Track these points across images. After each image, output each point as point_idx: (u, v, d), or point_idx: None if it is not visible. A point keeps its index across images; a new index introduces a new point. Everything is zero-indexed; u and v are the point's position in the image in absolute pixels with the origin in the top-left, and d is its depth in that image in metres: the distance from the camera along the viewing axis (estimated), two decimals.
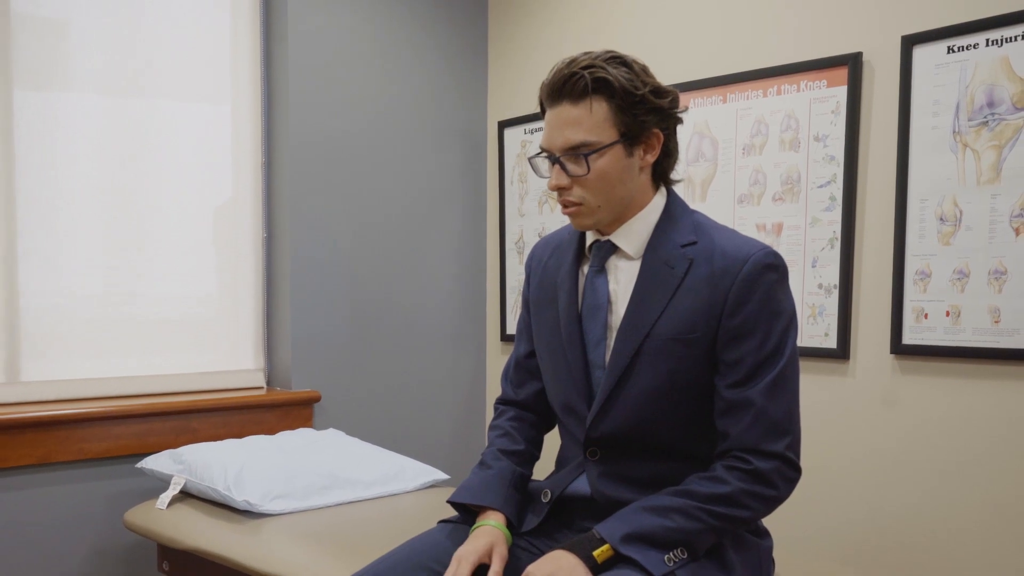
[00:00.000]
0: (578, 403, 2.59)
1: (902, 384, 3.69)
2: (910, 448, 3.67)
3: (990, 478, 3.47)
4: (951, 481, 3.56)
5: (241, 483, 3.55)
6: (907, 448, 3.68)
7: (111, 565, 4.14)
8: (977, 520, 3.51)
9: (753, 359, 2.40)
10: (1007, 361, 3.42)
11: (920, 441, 3.65)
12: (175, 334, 4.45)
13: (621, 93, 2.41)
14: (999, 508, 3.45)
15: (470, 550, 2.45)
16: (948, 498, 3.58)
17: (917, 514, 3.66)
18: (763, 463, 2.38)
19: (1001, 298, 3.40)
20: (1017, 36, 3.35)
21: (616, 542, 2.34)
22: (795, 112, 3.95)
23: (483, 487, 2.66)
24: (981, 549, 3.50)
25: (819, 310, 3.90)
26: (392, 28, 4.90)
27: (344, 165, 4.76)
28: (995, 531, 3.47)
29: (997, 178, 3.41)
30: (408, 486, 3.93)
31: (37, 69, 4.01)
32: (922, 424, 3.64)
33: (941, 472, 3.59)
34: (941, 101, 3.54)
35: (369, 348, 4.88)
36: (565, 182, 2.46)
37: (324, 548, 3.15)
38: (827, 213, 3.86)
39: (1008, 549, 3.44)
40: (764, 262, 2.41)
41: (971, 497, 3.52)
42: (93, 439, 4.03)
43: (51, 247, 4.07)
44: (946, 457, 3.58)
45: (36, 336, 4.05)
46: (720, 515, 2.36)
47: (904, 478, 3.69)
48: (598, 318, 2.55)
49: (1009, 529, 3.43)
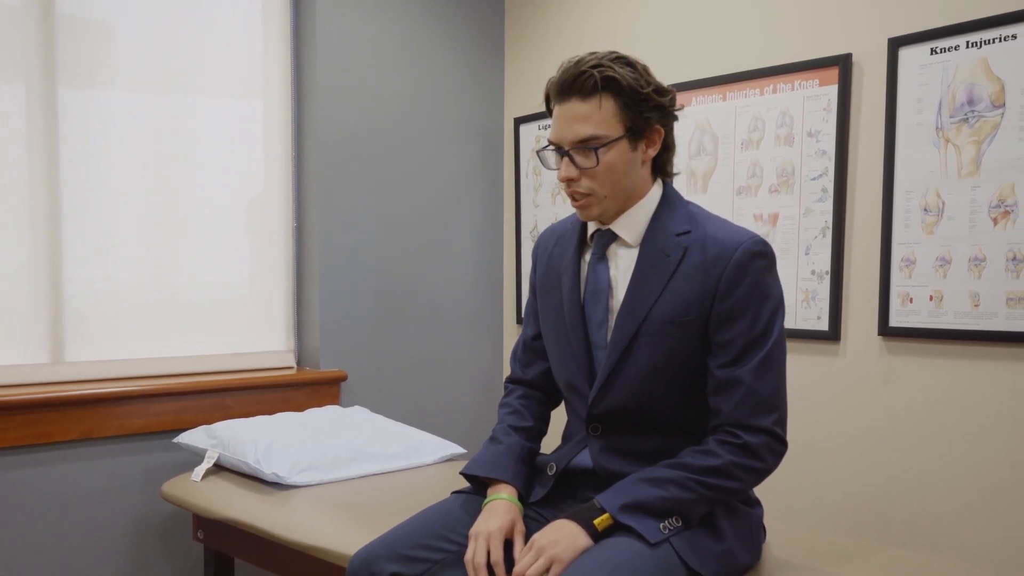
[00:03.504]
0: (581, 382, 2.62)
1: (889, 364, 3.71)
2: (897, 424, 3.69)
3: (972, 451, 3.49)
4: (935, 454, 3.58)
5: (270, 457, 3.57)
6: (894, 424, 3.70)
7: (149, 534, 4.16)
8: (960, 490, 3.53)
9: (743, 340, 2.43)
10: (986, 342, 3.44)
11: (906, 417, 3.67)
12: (211, 318, 4.47)
13: (628, 91, 2.44)
14: (980, 478, 3.47)
15: (497, 528, 2.47)
16: (933, 470, 3.60)
17: (904, 485, 3.68)
18: (752, 437, 2.40)
19: (980, 283, 3.42)
20: (995, 39, 3.36)
21: (615, 511, 2.37)
22: (790, 109, 3.96)
23: (494, 461, 2.69)
24: (963, 518, 3.52)
25: (812, 295, 3.91)
26: (414, 29, 4.92)
27: (369, 159, 4.77)
28: (977, 501, 3.49)
29: (977, 171, 3.42)
30: (428, 459, 3.94)
31: (81, 68, 4.03)
32: (908, 401, 3.66)
33: (926, 446, 3.61)
34: (925, 99, 3.55)
35: (393, 331, 4.90)
36: (575, 174, 2.49)
37: (347, 517, 3.16)
38: (819, 204, 3.88)
39: (988, 518, 3.46)
40: (753, 250, 2.44)
41: (954, 468, 3.54)
42: (133, 416, 4.05)
43: (94, 236, 4.09)
44: (931, 432, 3.60)
45: (79, 320, 4.07)
46: (712, 486, 2.39)
47: (891, 452, 3.71)
48: (600, 302, 2.58)
49: (989, 499, 3.45)
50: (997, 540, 3.43)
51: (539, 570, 2.32)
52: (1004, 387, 3.41)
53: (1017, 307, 3.33)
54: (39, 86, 3.94)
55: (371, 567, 2.47)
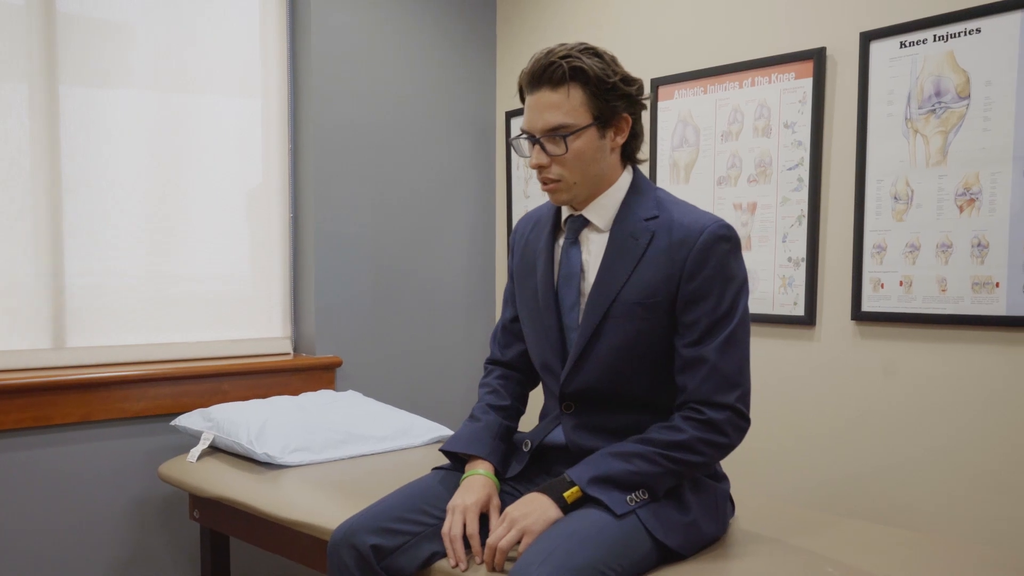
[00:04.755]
0: (554, 362, 2.67)
1: (862, 347, 3.75)
2: (869, 404, 3.73)
3: (940, 429, 3.53)
4: (905, 432, 3.63)
5: (262, 438, 3.60)
6: (867, 404, 3.74)
7: (147, 513, 4.20)
8: (929, 466, 3.57)
9: (707, 320, 2.47)
10: (953, 326, 3.48)
11: (877, 398, 3.71)
12: (210, 306, 4.51)
13: (595, 81, 2.48)
14: (948, 455, 3.52)
15: (473, 502, 2.53)
16: (903, 448, 3.64)
17: (876, 462, 3.72)
18: (716, 413, 2.45)
19: (947, 269, 3.46)
20: (960, 32, 3.40)
21: (584, 484, 2.42)
22: (767, 101, 4.00)
23: (472, 438, 2.75)
24: (930, 492, 3.56)
25: (788, 281, 3.95)
26: (407, 25, 4.95)
27: (363, 151, 4.81)
28: (944, 476, 3.53)
29: (944, 160, 3.46)
30: (417, 441, 3.97)
31: (82, 65, 4.06)
32: (879, 382, 3.70)
33: (896, 425, 3.65)
34: (895, 91, 3.59)
35: (387, 318, 4.94)
36: (545, 160, 2.53)
37: (334, 495, 3.19)
38: (795, 193, 3.92)
39: (955, 493, 3.50)
40: (718, 233, 2.48)
41: (922, 446, 3.58)
42: (132, 399, 4.09)
43: (96, 227, 4.12)
44: (900, 411, 3.64)
45: (81, 308, 4.10)
46: (677, 460, 2.44)
47: (864, 430, 3.75)
48: (572, 285, 2.63)
49: (957, 475, 3.49)
50: (964, 515, 3.47)
51: (511, 541, 2.38)
52: (971, 368, 3.45)
53: (981, 291, 3.38)
54: (41, 83, 3.98)
55: (351, 539, 2.52)
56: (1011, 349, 3.35)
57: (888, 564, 2.48)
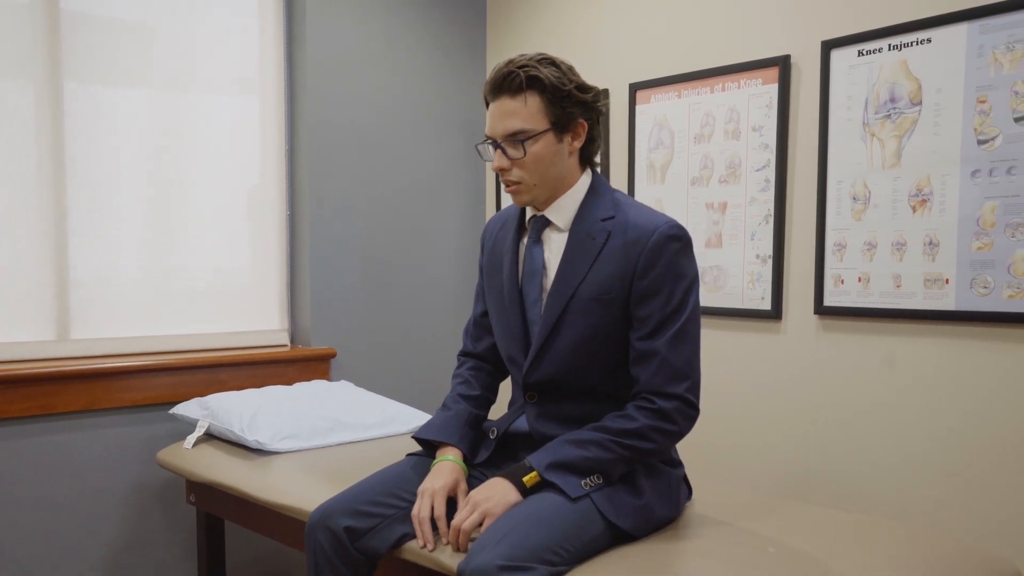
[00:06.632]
0: (518, 354, 2.74)
1: (824, 339, 3.82)
2: (831, 393, 3.80)
3: (896, 417, 3.60)
4: (864, 420, 3.69)
5: (254, 426, 3.65)
6: (829, 393, 3.81)
7: (146, 498, 4.26)
8: (884, 452, 3.64)
9: (659, 315, 2.54)
10: (907, 320, 3.55)
11: (838, 387, 3.78)
12: (210, 300, 4.54)
13: (551, 88, 2.55)
14: (902, 441, 3.58)
15: (441, 486, 2.61)
16: (862, 435, 3.70)
17: (837, 448, 3.78)
18: (666, 403, 2.52)
19: (902, 266, 3.53)
20: (913, 42, 3.46)
21: (542, 469, 2.49)
22: (736, 106, 4.06)
23: (443, 425, 2.83)
24: (887, 477, 3.63)
25: (756, 277, 4.01)
26: (400, 29, 4.99)
27: (357, 151, 4.85)
28: (900, 463, 3.59)
29: (898, 163, 3.52)
30: (402, 429, 4.01)
31: (86, 63, 4.10)
32: (840, 373, 3.77)
33: (856, 413, 3.71)
34: (854, 97, 3.65)
35: (379, 311, 4.98)
36: (506, 164, 2.60)
37: (318, 479, 3.25)
38: (763, 193, 3.98)
39: (911, 481, 3.56)
40: (668, 233, 2.55)
41: (879, 433, 3.65)
42: (132, 389, 4.14)
43: (99, 223, 4.16)
44: (859, 400, 3.71)
45: (85, 302, 4.14)
46: (629, 447, 2.51)
47: (826, 419, 3.82)
48: (535, 282, 2.70)
49: (912, 462, 3.56)
50: (919, 501, 3.54)
51: (474, 523, 2.45)
52: (926, 360, 3.51)
53: (933, 287, 3.44)
54: (45, 81, 4.01)
55: (327, 521, 2.61)
56: (959, 342, 3.42)
57: (831, 545, 2.52)
